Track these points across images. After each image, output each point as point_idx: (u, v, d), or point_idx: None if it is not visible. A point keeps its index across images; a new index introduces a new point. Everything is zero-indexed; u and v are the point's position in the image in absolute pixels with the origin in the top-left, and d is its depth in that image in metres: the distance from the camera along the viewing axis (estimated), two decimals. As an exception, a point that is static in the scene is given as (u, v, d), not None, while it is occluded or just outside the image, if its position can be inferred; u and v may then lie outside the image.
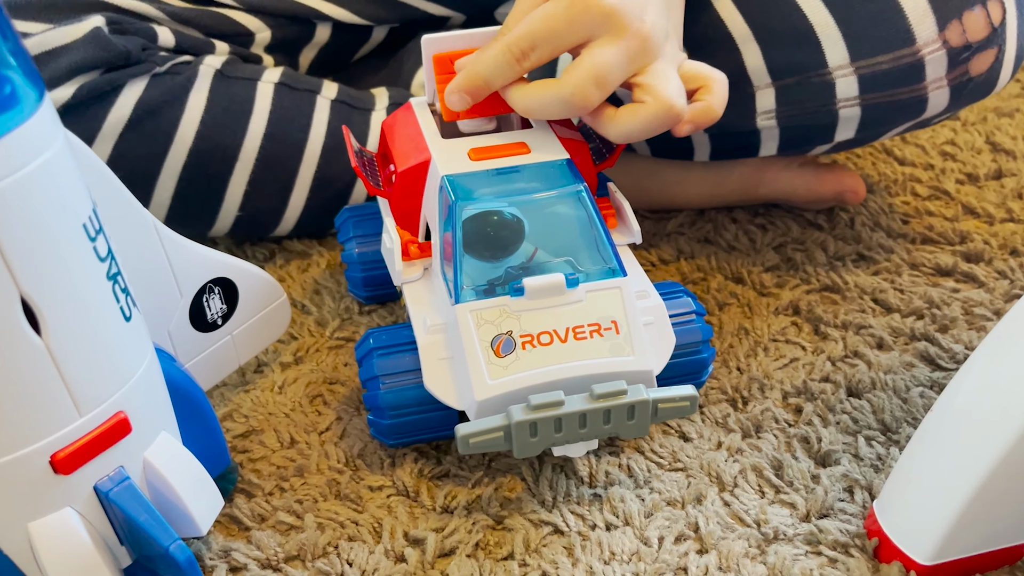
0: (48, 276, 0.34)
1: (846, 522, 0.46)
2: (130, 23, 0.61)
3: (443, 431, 0.49)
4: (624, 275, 0.47)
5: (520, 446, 0.44)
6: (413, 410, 0.48)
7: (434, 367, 0.47)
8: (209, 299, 0.49)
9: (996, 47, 0.56)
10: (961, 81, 0.57)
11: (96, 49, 0.58)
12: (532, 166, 0.50)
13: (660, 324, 0.48)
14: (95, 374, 0.37)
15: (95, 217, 0.37)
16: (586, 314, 0.46)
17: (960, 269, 0.64)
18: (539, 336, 0.46)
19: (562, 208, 0.49)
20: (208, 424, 0.46)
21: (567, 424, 0.44)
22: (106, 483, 0.39)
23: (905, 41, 0.55)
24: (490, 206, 0.48)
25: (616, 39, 0.47)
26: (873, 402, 0.53)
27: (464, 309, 0.46)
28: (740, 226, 0.68)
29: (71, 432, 0.37)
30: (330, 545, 0.46)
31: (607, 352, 0.46)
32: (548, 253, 0.48)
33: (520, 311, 0.46)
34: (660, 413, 0.45)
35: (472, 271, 0.47)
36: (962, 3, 0.55)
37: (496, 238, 0.48)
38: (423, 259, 0.52)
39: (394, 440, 0.49)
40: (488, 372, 0.45)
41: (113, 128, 0.60)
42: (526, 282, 0.46)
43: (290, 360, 0.58)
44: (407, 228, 0.53)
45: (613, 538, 0.46)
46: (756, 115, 0.60)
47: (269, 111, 0.62)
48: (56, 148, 0.34)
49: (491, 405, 0.45)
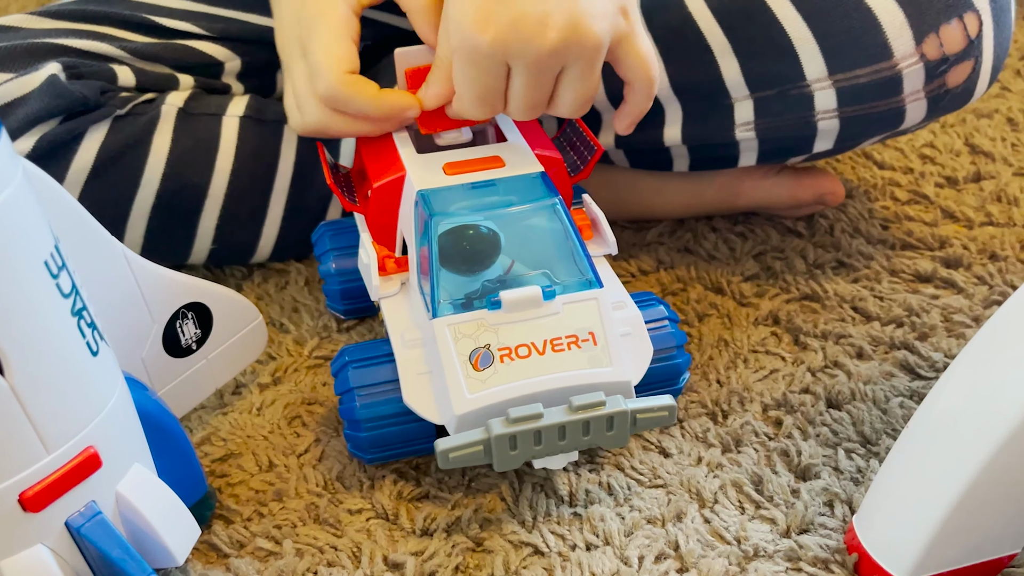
0: (10, 316, 0.34)
1: (826, 537, 0.46)
2: (87, 66, 0.60)
3: (421, 445, 0.49)
4: (600, 286, 0.47)
5: (500, 460, 0.44)
6: (390, 422, 0.48)
7: (413, 382, 0.47)
8: (183, 324, 0.49)
9: (973, 59, 0.56)
10: (938, 93, 0.57)
11: (52, 98, 0.57)
12: (507, 179, 0.50)
13: (637, 334, 0.49)
14: (62, 411, 0.36)
15: (57, 253, 0.36)
16: (563, 326, 0.46)
17: (939, 275, 0.64)
18: (517, 349, 0.46)
19: (538, 221, 0.49)
20: (183, 452, 0.46)
21: (547, 437, 0.44)
22: (77, 519, 0.38)
23: (883, 55, 0.55)
24: (466, 220, 0.48)
25: None
26: (853, 414, 0.53)
27: (442, 323, 0.46)
28: (720, 235, 0.68)
29: (39, 470, 0.36)
30: (309, 571, 0.46)
31: (585, 363, 0.46)
32: (525, 266, 0.49)
33: (498, 324, 0.46)
34: (639, 423, 0.45)
35: (449, 285, 0.47)
36: (939, 17, 0.55)
37: (472, 252, 0.48)
38: (400, 274, 0.52)
39: (372, 455, 0.49)
40: (467, 386, 0.45)
41: (77, 177, 0.59)
42: (503, 295, 0.46)
43: (268, 381, 0.57)
44: (384, 243, 0.53)
45: (593, 558, 0.46)
46: (735, 127, 0.60)
47: (235, 147, 0.62)
48: (14, 186, 0.34)
49: (470, 419, 0.45)
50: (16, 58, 0.59)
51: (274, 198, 0.63)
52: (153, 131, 0.60)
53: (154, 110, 0.61)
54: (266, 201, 0.63)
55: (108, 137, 0.59)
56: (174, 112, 0.61)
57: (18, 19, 0.64)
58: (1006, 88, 0.88)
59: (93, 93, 0.59)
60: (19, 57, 0.59)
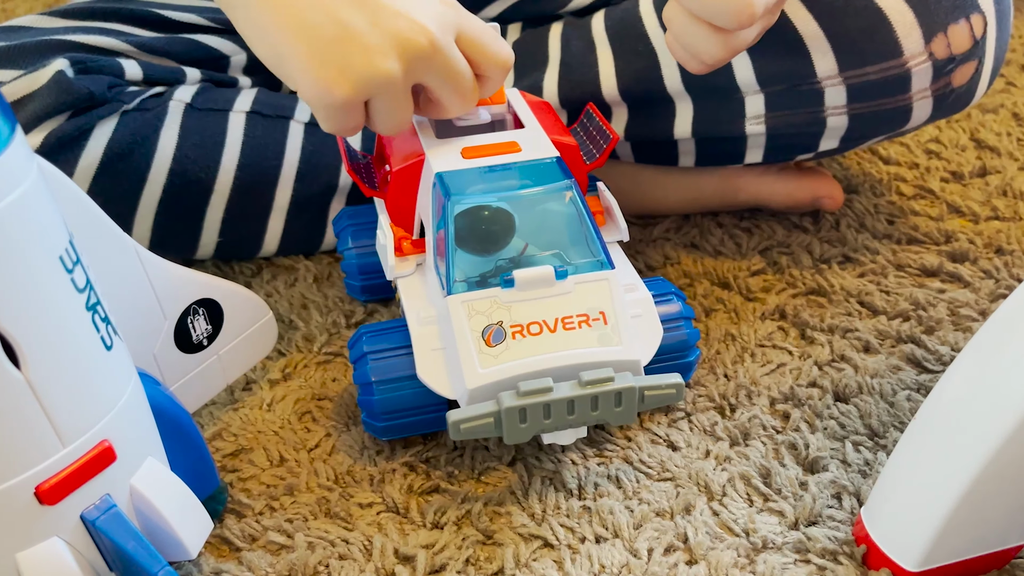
0: (25, 311, 0.34)
1: (834, 529, 0.46)
2: (94, 61, 0.60)
3: (432, 413, 0.50)
4: (612, 268, 0.48)
5: (510, 432, 0.45)
6: (402, 385, 0.49)
7: (427, 357, 0.48)
8: (194, 320, 0.49)
9: (976, 59, 0.57)
10: (944, 92, 0.58)
11: (59, 93, 0.58)
12: (523, 164, 0.51)
13: (648, 316, 0.50)
14: (77, 405, 0.37)
15: (72, 248, 0.36)
16: (575, 305, 0.47)
17: (946, 269, 0.64)
18: (529, 326, 0.46)
19: (552, 204, 0.50)
20: (195, 446, 0.46)
21: (556, 410, 0.45)
22: (92, 512, 0.39)
23: (893, 53, 0.56)
24: (481, 201, 0.49)
25: None
26: (860, 407, 0.53)
27: (456, 300, 0.47)
28: (726, 230, 0.69)
29: (55, 463, 0.37)
30: (321, 564, 0.46)
31: (595, 342, 0.46)
32: (538, 247, 0.49)
33: (510, 302, 0.47)
34: (647, 400, 0.46)
35: (464, 264, 0.48)
36: (947, 17, 0.56)
37: (487, 233, 0.49)
38: (416, 255, 0.53)
39: (384, 422, 0.50)
40: (479, 361, 0.46)
41: (85, 173, 0.59)
42: (516, 274, 0.47)
43: (278, 377, 0.58)
44: (402, 225, 0.55)
45: (603, 551, 0.46)
46: (745, 119, 0.60)
47: (241, 142, 0.62)
48: (30, 182, 0.34)
49: (482, 393, 0.46)
50: (25, 55, 0.60)
51: (279, 192, 0.64)
52: (160, 126, 0.61)
53: (161, 106, 0.61)
54: (271, 195, 0.64)
55: (116, 132, 0.60)
56: (181, 108, 0.62)
57: (28, 20, 0.65)
58: (1011, 83, 0.88)
59: (100, 88, 0.59)
60: (27, 54, 0.60)
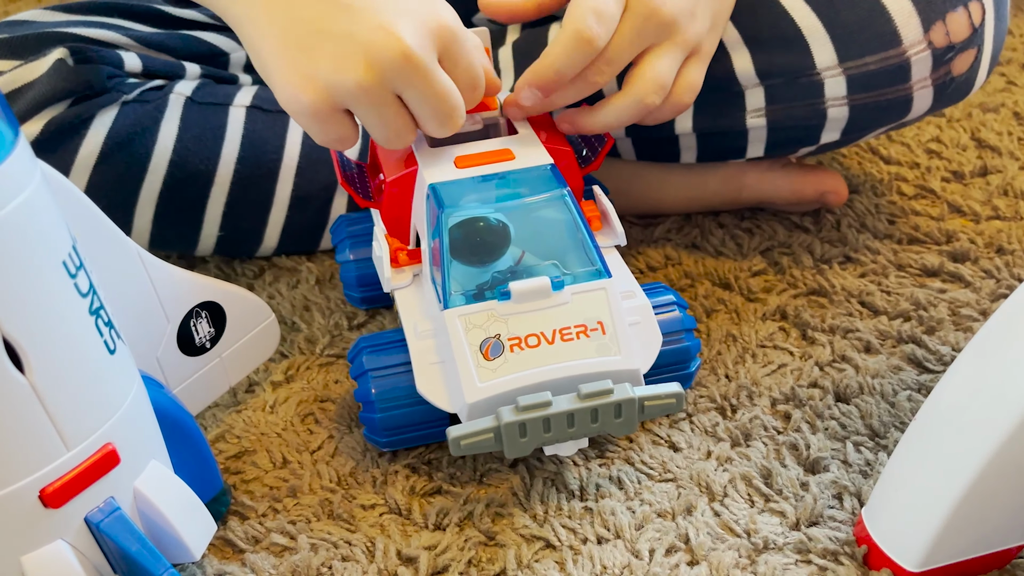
0: (30, 315, 0.34)
1: (835, 529, 0.47)
2: (95, 51, 0.61)
3: (433, 428, 0.50)
4: (609, 276, 0.48)
5: (510, 446, 0.45)
6: (403, 403, 0.49)
7: (426, 371, 0.48)
8: (196, 323, 0.50)
9: (976, 47, 0.57)
10: (944, 81, 0.58)
11: (59, 80, 0.58)
12: (517, 172, 0.51)
13: (646, 323, 0.49)
14: (81, 408, 0.37)
15: (75, 253, 0.37)
16: (572, 316, 0.47)
17: (947, 269, 0.64)
18: (527, 338, 0.46)
19: (547, 212, 0.50)
20: (198, 449, 0.46)
21: (555, 424, 0.45)
22: (97, 514, 0.39)
23: (892, 43, 0.56)
24: (476, 212, 0.49)
25: (672, 46, 0.51)
26: (861, 407, 0.53)
27: (453, 314, 0.47)
28: (727, 231, 0.69)
29: (59, 466, 0.37)
30: (324, 566, 0.46)
31: (594, 352, 0.46)
32: (535, 256, 0.49)
33: (507, 314, 0.47)
34: (647, 411, 0.46)
35: (460, 276, 0.48)
36: (945, 5, 0.56)
37: (483, 244, 0.49)
38: (412, 265, 0.53)
39: (386, 437, 0.50)
40: (478, 375, 0.46)
41: (86, 161, 0.60)
42: (512, 286, 0.47)
43: (281, 379, 0.58)
44: (398, 236, 0.54)
45: (604, 552, 0.46)
46: (746, 113, 0.60)
47: (241, 136, 0.63)
48: (33, 187, 0.34)
49: (481, 407, 0.46)
50: (26, 46, 0.61)
51: (279, 187, 0.64)
52: (161, 118, 0.61)
53: (162, 98, 0.62)
54: (271, 189, 0.64)
55: (116, 122, 0.60)
56: (181, 101, 0.62)
57: (31, 14, 0.66)
58: (1012, 82, 0.88)
59: (99, 78, 0.60)
60: (29, 45, 0.61)
